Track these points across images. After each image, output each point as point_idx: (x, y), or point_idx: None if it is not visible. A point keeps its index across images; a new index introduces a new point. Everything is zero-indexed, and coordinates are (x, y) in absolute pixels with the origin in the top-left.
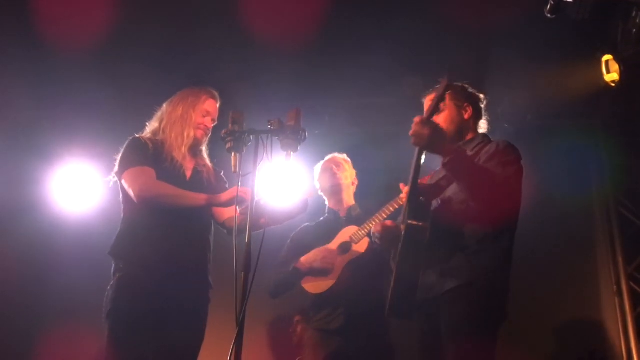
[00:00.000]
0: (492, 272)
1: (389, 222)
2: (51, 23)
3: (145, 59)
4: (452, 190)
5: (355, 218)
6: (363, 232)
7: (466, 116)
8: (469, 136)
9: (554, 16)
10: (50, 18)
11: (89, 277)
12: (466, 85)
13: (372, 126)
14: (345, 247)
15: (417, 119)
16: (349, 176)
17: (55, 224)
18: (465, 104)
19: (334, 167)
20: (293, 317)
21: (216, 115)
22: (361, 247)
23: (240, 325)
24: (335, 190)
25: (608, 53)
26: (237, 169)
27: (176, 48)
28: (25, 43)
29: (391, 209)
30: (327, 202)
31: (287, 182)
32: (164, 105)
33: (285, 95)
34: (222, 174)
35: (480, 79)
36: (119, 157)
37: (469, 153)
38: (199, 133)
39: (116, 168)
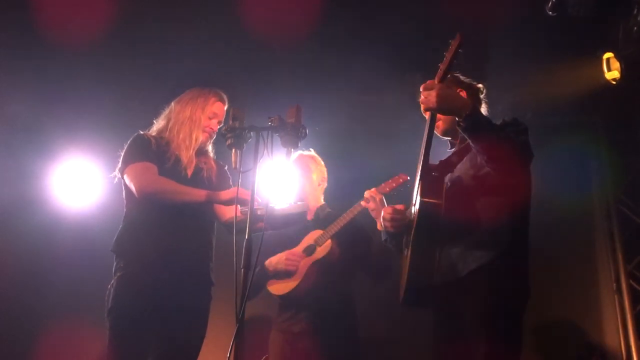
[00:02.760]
0: (513, 248)
1: (400, 206)
2: (52, 19)
3: (146, 55)
4: (461, 168)
5: (323, 219)
6: (327, 235)
7: None
8: None
9: (555, 14)
10: (50, 13)
11: (90, 273)
12: (457, 74)
13: (372, 123)
14: (309, 250)
15: (423, 85)
16: (315, 179)
17: (56, 220)
18: (458, 89)
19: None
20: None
21: (223, 118)
22: (324, 249)
23: (240, 322)
24: (299, 199)
25: (609, 51)
26: (238, 166)
27: (177, 45)
28: (26, 39)
29: (354, 212)
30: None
31: (287, 179)
32: (172, 104)
33: (285, 92)
34: (225, 168)
35: (480, 76)
36: (122, 155)
37: None
38: (205, 135)
39: (119, 164)
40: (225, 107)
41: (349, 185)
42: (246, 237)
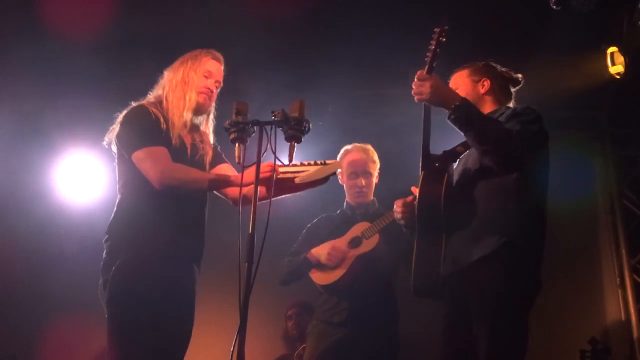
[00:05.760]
0: (519, 239)
1: (409, 198)
2: (56, 12)
3: (149, 49)
4: (468, 159)
5: (372, 214)
6: (375, 228)
7: (482, 90)
8: (490, 109)
9: (559, 7)
10: (54, 7)
11: (93, 267)
12: (493, 63)
13: (375, 118)
14: (356, 242)
15: (416, 76)
16: (375, 177)
17: (59, 214)
18: (483, 79)
19: (361, 179)
20: (286, 312)
21: (221, 78)
22: (372, 243)
23: (243, 317)
24: (360, 201)
25: (613, 45)
26: (241, 160)
27: (179, 39)
28: (30, 32)
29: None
30: (346, 195)
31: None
32: (165, 73)
33: (288, 86)
34: (218, 148)
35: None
36: (126, 127)
37: None
38: (202, 97)
39: (125, 142)
40: (222, 67)
41: None
42: (249, 231)
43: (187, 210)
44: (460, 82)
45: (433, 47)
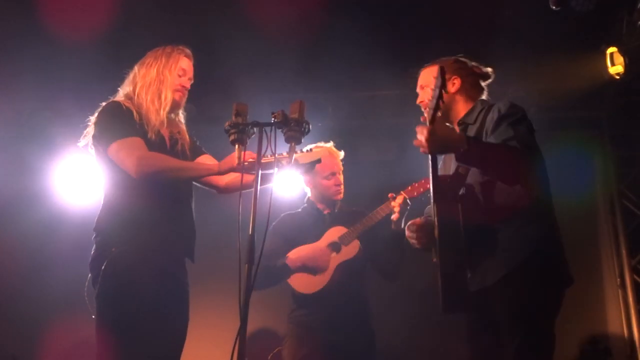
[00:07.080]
0: (542, 245)
1: (419, 220)
2: (56, 12)
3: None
4: (472, 176)
5: (338, 214)
6: (353, 234)
7: (452, 89)
8: (465, 108)
9: (558, 8)
10: (54, 7)
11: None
12: (461, 58)
13: (375, 119)
14: (335, 248)
15: (417, 129)
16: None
17: (59, 215)
18: (453, 77)
19: (339, 176)
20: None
21: (192, 74)
22: (352, 250)
23: (244, 318)
24: (332, 201)
25: (612, 45)
26: (241, 161)
27: (180, 40)
28: (29, 32)
29: (382, 214)
30: (308, 193)
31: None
32: (135, 67)
33: (288, 87)
34: (197, 142)
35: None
36: (99, 125)
37: (472, 126)
38: (177, 95)
39: (99, 138)
40: (192, 62)
41: (352, 181)
42: (249, 232)
43: (175, 202)
44: (431, 81)
45: (437, 96)
